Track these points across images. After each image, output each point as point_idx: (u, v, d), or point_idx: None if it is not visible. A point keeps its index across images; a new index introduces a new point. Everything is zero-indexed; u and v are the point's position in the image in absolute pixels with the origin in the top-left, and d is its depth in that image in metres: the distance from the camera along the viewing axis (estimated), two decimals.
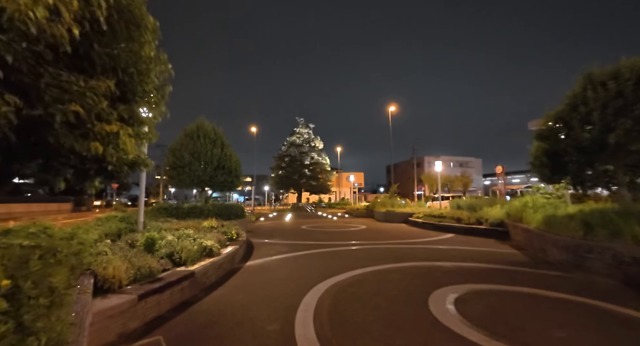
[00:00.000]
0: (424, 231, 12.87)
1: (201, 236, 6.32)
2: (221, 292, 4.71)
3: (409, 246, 9.02)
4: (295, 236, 11.61)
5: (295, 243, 9.80)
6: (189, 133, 12.51)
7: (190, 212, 11.18)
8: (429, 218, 15.06)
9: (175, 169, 12.11)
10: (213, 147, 12.46)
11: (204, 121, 12.81)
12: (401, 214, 18.33)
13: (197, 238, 6.11)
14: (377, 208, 22.05)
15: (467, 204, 14.95)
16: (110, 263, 3.63)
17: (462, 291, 4.54)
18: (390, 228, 14.53)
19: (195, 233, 6.57)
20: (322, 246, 9.13)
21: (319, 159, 35.00)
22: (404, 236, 11.28)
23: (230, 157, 12.93)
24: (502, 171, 24.82)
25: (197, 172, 11.97)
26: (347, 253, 7.92)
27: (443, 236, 11.11)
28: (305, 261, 6.95)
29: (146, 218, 8.85)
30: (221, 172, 12.53)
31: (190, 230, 6.79)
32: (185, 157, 11.96)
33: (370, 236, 11.40)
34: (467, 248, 8.59)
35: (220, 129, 13.20)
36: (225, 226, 9.26)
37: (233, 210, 12.24)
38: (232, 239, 7.89)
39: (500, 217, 11.28)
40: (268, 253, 8.00)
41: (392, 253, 7.89)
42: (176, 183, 12.15)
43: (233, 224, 9.71)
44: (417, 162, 52.00)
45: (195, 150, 12.14)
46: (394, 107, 26.54)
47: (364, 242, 9.87)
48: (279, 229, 14.76)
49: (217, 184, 12.56)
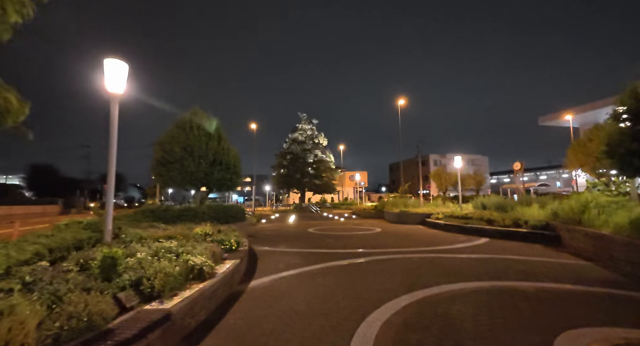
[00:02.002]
0: (451, 235, 11.26)
1: (189, 249, 4.70)
2: (213, 343, 3.09)
3: (448, 255, 7.40)
4: (304, 243, 9.99)
5: (305, 252, 8.18)
6: (181, 124, 10.89)
7: (182, 215, 9.56)
8: (452, 219, 13.45)
9: (165, 166, 10.48)
10: (208, 140, 10.84)
11: (198, 110, 11.18)
12: (417, 215, 16.72)
13: (183, 252, 4.50)
14: (387, 208, 20.45)
15: (494, 203, 13.35)
16: (7, 315, 2.02)
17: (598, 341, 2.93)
18: (409, 231, 12.92)
19: (181, 244, 4.95)
20: (339, 256, 7.52)
21: (322, 157, 33.15)
22: (433, 242, 9.66)
23: (229, 152, 11.31)
24: (521, 167, 23.25)
25: (189, 168, 10.35)
26: (376, 267, 6.30)
27: (477, 241, 9.50)
28: (326, 281, 5.32)
29: (127, 224, 7.25)
30: (218, 168, 10.90)
31: (174, 242, 5.17)
32: (175, 151, 10.33)
33: (393, 242, 9.78)
34: (519, 257, 6.98)
35: (217, 120, 11.57)
36: (223, 232, 7.66)
37: (232, 212, 10.62)
38: (231, 249, 6.28)
39: (543, 218, 9.68)
40: (276, 267, 6.38)
41: (436, 266, 6.27)
42: (165, 181, 10.53)
43: (232, 230, 8.10)
44: (422, 161, 50.47)
45: (188, 143, 10.51)
46: (403, 100, 24.89)
47: (390, 250, 8.25)
48: (284, 233, 13.15)
49: (213, 182, 10.94)
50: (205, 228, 6.98)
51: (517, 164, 23.28)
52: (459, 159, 16.37)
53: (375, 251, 8.16)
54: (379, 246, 9.00)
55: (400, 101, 24.91)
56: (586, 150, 17.44)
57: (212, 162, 10.83)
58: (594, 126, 18.10)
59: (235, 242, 6.48)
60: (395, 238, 10.88)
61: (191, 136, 10.54)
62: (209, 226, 7.19)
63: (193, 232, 6.74)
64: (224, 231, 7.92)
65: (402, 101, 24.95)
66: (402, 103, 24.93)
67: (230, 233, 7.60)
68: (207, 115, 11.39)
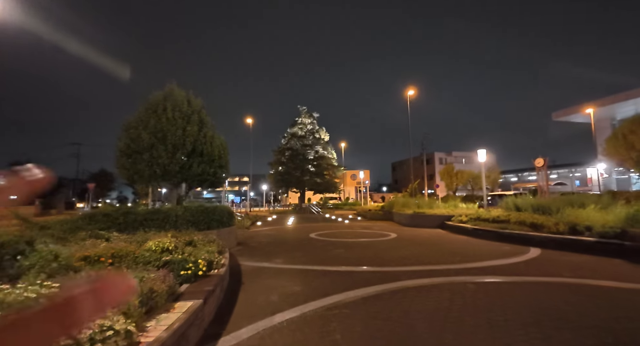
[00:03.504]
0: (487, 244, 9.10)
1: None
2: None
3: (513, 278, 5.23)
4: (306, 255, 7.83)
5: (309, 271, 6.01)
6: (153, 105, 8.70)
7: (149, 219, 7.38)
8: (481, 223, 11.31)
9: (130, 156, 8.30)
10: (186, 124, 8.65)
11: (174, 89, 8.99)
12: (434, 217, 14.57)
13: None
14: (397, 209, 18.29)
15: (530, 204, 11.19)
16: None
17: None
18: (432, 238, 10.76)
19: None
20: (357, 278, 5.34)
21: (324, 153, 30.65)
22: (474, 254, 7.48)
23: (212, 140, 9.13)
24: (544, 164, 21.07)
25: (161, 159, 8.16)
26: (420, 305, 4.12)
27: (530, 254, 7.34)
28: (349, 335, 3.14)
29: (61, 232, 5.08)
30: (198, 160, 8.72)
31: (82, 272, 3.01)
32: (143, 138, 8.14)
33: (420, 254, 7.62)
34: (624, 285, 4.82)
35: (198, 101, 9.39)
36: (196, 243, 5.52)
37: (215, 215, 8.43)
38: (196, 276, 4.10)
39: (614, 224, 7.54)
40: (266, 302, 4.21)
41: (513, 301, 4.10)
42: (130, 175, 8.34)
43: (209, 241, 5.94)
44: (427, 159, 48.31)
45: (160, 128, 8.33)
46: (413, 91, 22.78)
47: (424, 268, 6.08)
48: (281, 239, 10.98)
49: (192, 177, 8.76)
50: (164, 241, 4.80)
51: (540, 161, 21.10)
52: (483, 153, 14.22)
53: (405, 269, 5.98)
54: (405, 260, 6.83)
55: (409, 91, 22.80)
56: (626, 143, 15.38)
57: (191, 152, 8.64)
58: (633, 118, 16.03)
59: (204, 263, 4.30)
60: (420, 247, 8.71)
61: (164, 120, 8.36)
62: (169, 239, 4.99)
63: (143, 248, 4.56)
64: (198, 243, 5.75)
65: (412, 91, 22.85)
66: (411, 94, 22.81)
67: (204, 246, 5.42)
68: (187, 95, 9.21)
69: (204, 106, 9.54)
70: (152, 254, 4.32)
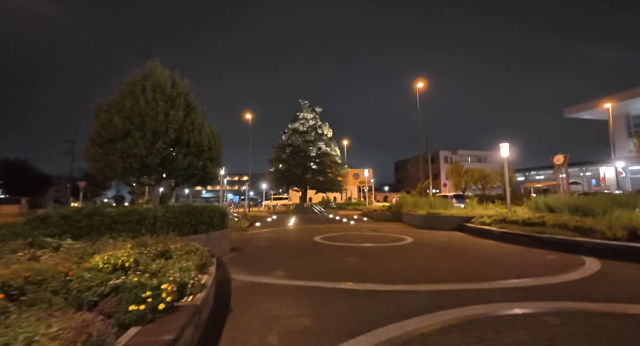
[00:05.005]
0: (526, 250, 7.73)
1: None
2: None
3: (605, 308, 3.85)
4: (313, 264, 6.45)
5: (320, 289, 4.65)
6: (130, 86, 7.32)
7: (119, 222, 6.00)
8: (509, 225, 9.94)
9: (101, 146, 6.93)
10: (170, 108, 7.27)
11: (156, 67, 7.61)
12: (451, 218, 13.19)
13: None
14: (407, 210, 16.92)
15: (567, 204, 9.81)
16: None
17: None
18: (456, 243, 9.40)
19: None
20: (384, 302, 3.96)
21: (327, 150, 29.03)
22: (518, 266, 6.09)
23: (201, 128, 7.75)
24: (565, 161, 19.70)
25: (137, 149, 6.77)
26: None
27: (591, 266, 5.96)
28: None
29: None
30: (184, 151, 7.35)
31: None
32: (116, 123, 6.76)
33: (452, 265, 6.24)
34: None
35: (185, 83, 8.02)
36: (171, 256, 4.18)
37: (204, 217, 7.06)
38: (158, 309, 2.72)
39: None
40: (261, 344, 2.84)
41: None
42: (101, 168, 6.96)
43: (188, 252, 4.57)
44: (431, 158, 46.96)
45: (137, 112, 6.95)
46: (422, 83, 21.38)
47: (468, 286, 4.70)
48: (282, 244, 9.62)
49: (177, 170, 7.39)
50: (118, 254, 3.42)
51: (560, 157, 19.72)
52: (505, 148, 12.81)
53: (443, 288, 4.60)
54: (436, 274, 5.45)
55: (419, 83, 21.40)
56: None
57: (175, 141, 7.27)
58: None
59: (172, 288, 2.93)
60: (447, 255, 7.34)
61: (142, 103, 6.98)
62: (129, 249, 3.61)
63: (85, 265, 3.19)
64: (175, 253, 4.40)
65: (421, 83, 21.45)
66: (420, 86, 21.42)
67: (180, 259, 4.05)
68: (173, 75, 7.84)
69: (192, 89, 8.18)
70: (95, 276, 2.95)
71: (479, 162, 47.55)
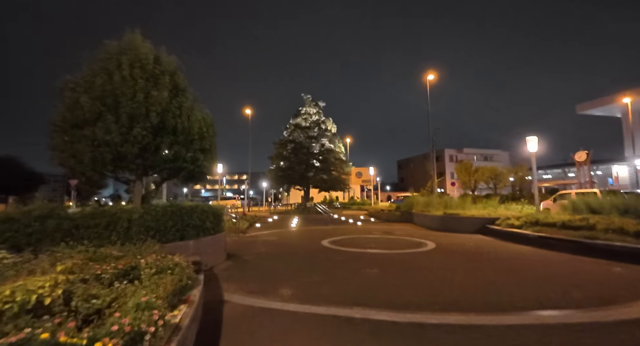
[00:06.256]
0: (580, 260, 6.45)
1: None
2: None
3: None
4: (327, 279, 5.16)
5: (343, 320, 3.36)
6: (103, 62, 6.03)
7: (83, 226, 4.73)
8: (547, 229, 8.68)
9: (66, 132, 5.65)
10: (152, 87, 5.98)
11: (136, 39, 6.32)
12: (472, 220, 11.93)
13: None
14: (419, 210, 15.65)
15: (613, 204, 8.54)
16: None
17: None
18: (487, 249, 8.14)
19: None
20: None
21: (331, 147, 27.52)
22: (593, 285, 4.83)
23: (191, 113, 6.47)
24: (588, 158, 18.44)
25: (110, 136, 5.49)
26: None
27: None
28: None
29: None
30: (168, 139, 6.06)
31: None
32: (83, 104, 5.48)
33: (502, 281, 4.96)
34: None
35: (172, 59, 6.73)
36: (139, 277, 2.89)
37: (192, 219, 5.78)
38: None
39: None
40: None
41: None
42: (65, 159, 5.68)
43: (161, 270, 3.29)
44: (436, 156, 45.65)
45: (111, 91, 5.67)
46: (433, 75, 20.10)
47: (544, 315, 3.43)
48: (287, 249, 8.35)
49: (161, 163, 6.11)
50: (38, 284, 2.14)
51: (582, 154, 18.46)
52: (534, 141, 11.52)
53: (513, 322, 3.31)
54: (488, 294, 4.18)
55: (429, 75, 20.12)
56: None
57: (159, 128, 5.98)
58: None
59: None
60: (487, 266, 6.06)
61: (117, 79, 5.69)
62: (57, 274, 2.33)
63: None
64: (145, 270, 3.14)
65: (432, 75, 20.18)
66: (431, 78, 20.14)
67: (146, 285, 2.77)
68: (157, 50, 6.55)
69: (181, 67, 6.89)
70: None
71: (485, 161, 46.28)
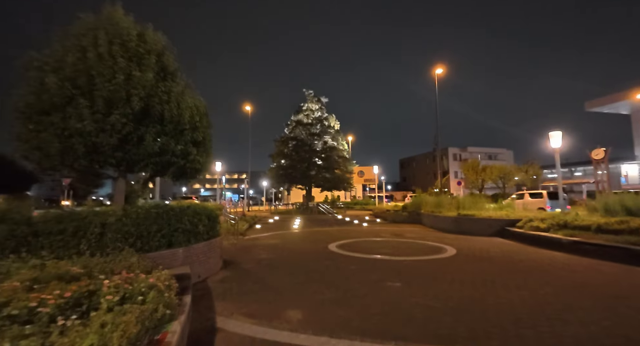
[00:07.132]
0: (633, 271, 5.58)
1: None
2: None
3: None
4: (342, 298, 4.27)
5: None
6: (76, 37, 5.14)
7: (44, 233, 3.84)
8: (580, 232, 7.82)
9: (30, 120, 4.76)
10: (136, 68, 5.09)
11: (116, 12, 5.42)
12: (489, 221, 11.05)
13: None
14: (428, 210, 14.76)
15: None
16: None
17: None
18: (515, 255, 7.26)
19: None
20: None
21: (334, 144, 26.51)
22: None
23: (181, 99, 5.58)
24: (605, 156, 17.53)
25: (82, 124, 4.60)
26: None
27: None
28: None
29: None
30: (154, 129, 5.17)
31: None
32: (51, 86, 4.59)
33: (559, 300, 4.08)
34: None
35: (159, 37, 5.84)
36: (97, 308, 1.93)
37: (182, 223, 4.90)
38: None
39: None
40: None
41: None
42: (28, 150, 4.79)
43: (132, 295, 2.35)
44: (440, 155, 44.67)
45: (85, 70, 4.78)
46: (441, 69, 19.21)
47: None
48: (291, 255, 7.47)
49: (145, 157, 5.21)
50: None
51: (599, 152, 17.50)
52: (558, 136, 10.63)
53: None
54: (554, 322, 3.30)
55: (437, 69, 19.23)
56: None
57: (142, 115, 5.09)
58: None
59: None
60: (527, 278, 5.17)
61: (92, 57, 4.80)
62: None
63: None
64: (106, 297, 2.22)
65: (440, 69, 19.28)
66: (439, 72, 19.25)
67: (108, 321, 1.86)
68: (142, 27, 5.65)
69: (170, 48, 5.98)
70: None
71: (490, 160, 45.38)
